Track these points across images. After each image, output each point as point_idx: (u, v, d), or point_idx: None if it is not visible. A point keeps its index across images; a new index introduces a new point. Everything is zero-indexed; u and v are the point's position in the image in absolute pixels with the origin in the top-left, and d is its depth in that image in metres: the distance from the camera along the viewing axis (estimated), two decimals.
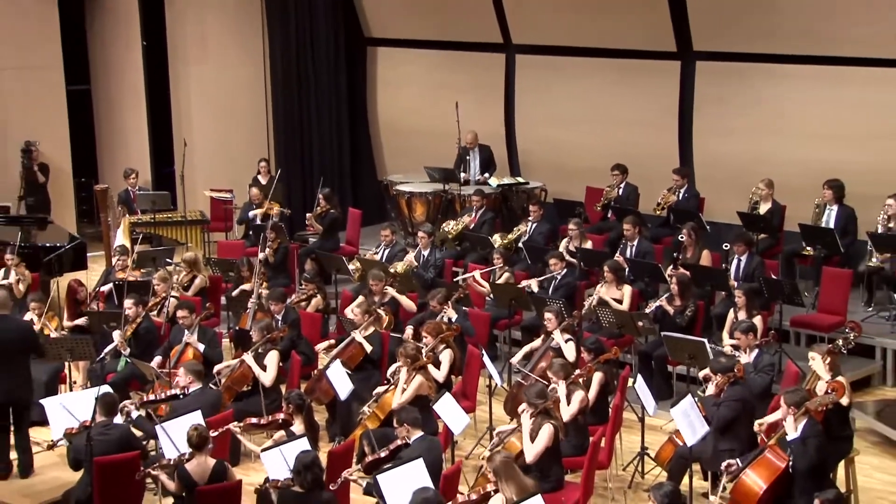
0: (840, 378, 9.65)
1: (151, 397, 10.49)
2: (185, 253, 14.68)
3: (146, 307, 12.23)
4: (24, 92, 17.63)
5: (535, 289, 12.98)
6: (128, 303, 12.07)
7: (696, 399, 9.87)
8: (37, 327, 11.65)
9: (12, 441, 10.50)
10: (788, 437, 8.91)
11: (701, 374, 10.62)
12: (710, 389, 10.06)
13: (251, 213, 16.03)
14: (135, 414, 9.92)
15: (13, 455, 10.49)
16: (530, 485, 8.34)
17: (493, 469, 8.43)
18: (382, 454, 9.29)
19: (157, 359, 11.61)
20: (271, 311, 12.32)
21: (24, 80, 17.63)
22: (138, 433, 9.89)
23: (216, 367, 11.33)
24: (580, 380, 10.17)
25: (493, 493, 8.45)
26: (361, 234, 16.45)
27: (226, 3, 18.53)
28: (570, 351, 11.03)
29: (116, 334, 11.83)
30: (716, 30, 15.10)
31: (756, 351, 10.62)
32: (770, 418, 9.49)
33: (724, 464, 9.13)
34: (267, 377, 11.07)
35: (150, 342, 11.98)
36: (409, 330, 12.09)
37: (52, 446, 10.01)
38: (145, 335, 11.99)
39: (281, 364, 11.33)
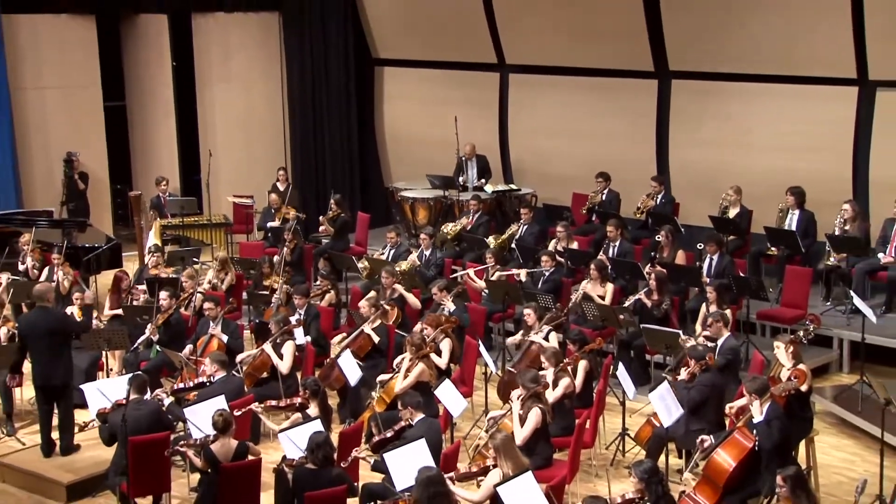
0: (801, 366, 9.65)
1: (181, 385, 10.50)
2: (218, 253, 14.70)
3: (177, 301, 12.25)
4: (66, 108, 17.63)
5: (524, 278, 13.02)
6: (162, 295, 12.08)
7: (672, 383, 9.92)
8: (79, 319, 11.74)
9: (54, 422, 10.51)
10: (754, 420, 8.93)
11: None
12: (683, 374, 10.09)
13: (269, 224, 16.05)
14: (167, 401, 9.93)
15: (54, 435, 10.50)
16: (525, 462, 8.35)
17: (493, 446, 8.43)
18: (388, 434, 9.28)
19: (188, 348, 11.62)
20: (296, 304, 12.35)
21: (66, 97, 17.62)
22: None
23: (239, 357, 11.32)
24: (568, 367, 10.19)
25: (491, 467, 8.45)
26: (369, 235, 16.45)
27: (247, 26, 18.53)
28: (553, 343, 11.02)
29: (149, 327, 11.88)
30: (689, 52, 15.13)
31: (726, 335, 10.65)
32: (738, 402, 9.52)
33: (699, 439, 9.16)
34: (284, 365, 11.07)
35: (178, 333, 11.99)
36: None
37: (83, 427, 10.08)
38: (174, 326, 12.00)
39: (297, 353, 11.35)
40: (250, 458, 9.05)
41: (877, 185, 13.75)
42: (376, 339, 11.52)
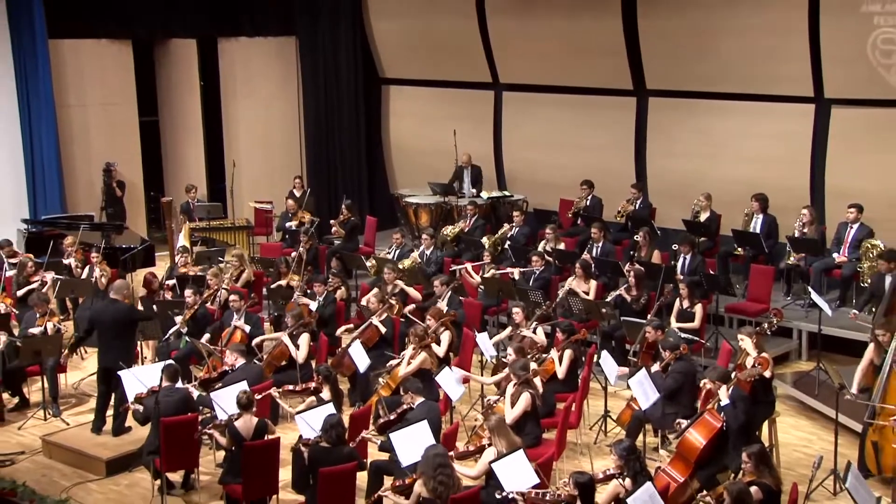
0: (764, 354, 9.65)
1: (206, 376, 10.51)
2: (234, 250, 14.72)
3: (203, 297, 12.27)
4: (106, 123, 17.62)
5: (517, 276, 13.02)
6: (188, 292, 12.12)
7: (649, 370, 9.94)
8: None
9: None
10: (722, 403, 8.96)
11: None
12: (655, 367, 10.10)
13: (287, 226, 16.06)
14: (196, 393, 9.94)
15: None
16: (517, 441, 8.36)
17: (489, 427, 8.45)
18: (392, 417, 9.30)
19: (206, 336, 11.60)
20: (316, 292, 12.33)
21: (106, 113, 17.61)
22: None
23: (256, 339, 11.39)
24: (559, 356, 10.24)
25: (487, 445, 8.46)
26: (377, 237, 16.43)
27: (267, 50, 18.55)
28: (540, 335, 11.04)
29: (178, 319, 11.89)
30: (664, 72, 15.14)
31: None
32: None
33: (676, 422, 9.17)
34: (301, 354, 11.08)
35: (205, 325, 12.00)
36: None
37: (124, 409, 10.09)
38: (201, 319, 12.01)
39: (312, 343, 11.37)
40: (268, 436, 9.07)
41: (832, 193, 13.77)
42: (383, 329, 11.54)
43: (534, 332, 11.08)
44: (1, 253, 14.28)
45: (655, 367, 10.08)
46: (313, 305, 12.18)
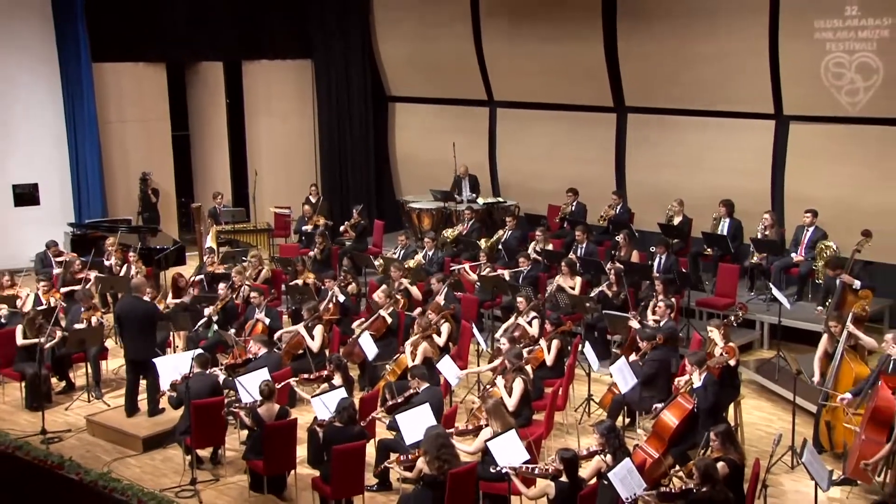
0: (731, 344, 9.68)
1: (232, 362, 10.54)
2: (254, 251, 14.74)
3: (230, 291, 12.27)
4: (143, 137, 17.64)
5: (507, 277, 13.02)
6: (221, 285, 12.13)
7: (628, 358, 9.98)
8: None
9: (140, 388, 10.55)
10: (694, 386, 8.99)
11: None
12: (634, 357, 10.13)
13: (303, 229, 16.07)
14: (222, 377, 9.97)
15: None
16: (511, 422, 8.38)
17: (485, 409, 8.45)
18: (399, 400, 9.31)
19: (232, 331, 11.62)
20: (326, 287, 12.32)
21: (143, 129, 17.63)
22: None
23: (277, 334, 11.38)
24: (548, 346, 10.22)
25: (483, 426, 8.49)
26: (384, 239, 16.42)
27: (286, 71, 18.54)
28: (535, 328, 11.05)
29: (207, 311, 11.90)
30: (642, 92, 15.15)
31: (668, 320, 10.71)
32: (683, 379, 9.48)
33: (654, 406, 9.19)
34: (315, 344, 11.10)
35: (232, 317, 12.02)
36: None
37: (160, 395, 10.11)
38: (230, 311, 12.02)
39: (325, 334, 11.39)
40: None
41: (790, 199, 13.79)
42: (390, 320, 11.57)
43: (529, 323, 11.11)
44: (49, 252, 14.33)
45: (633, 358, 10.11)
46: (341, 298, 12.13)
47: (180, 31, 17.36)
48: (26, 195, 16.67)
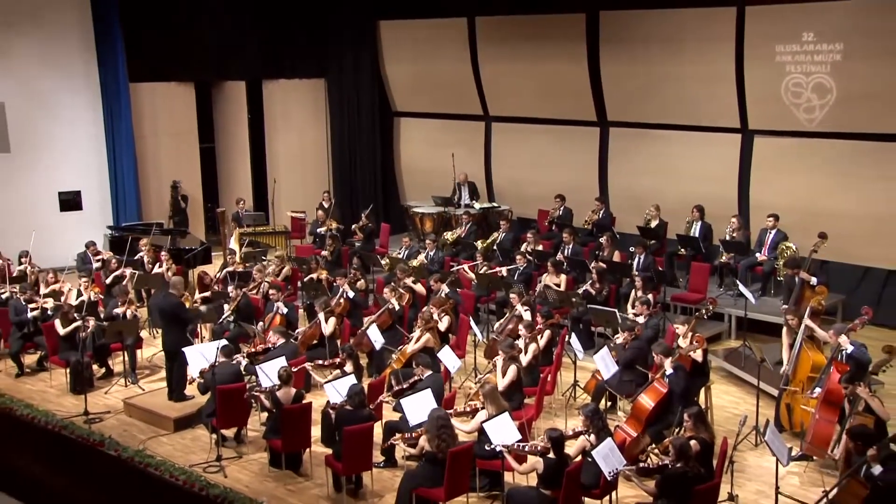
0: (700, 334, 9.73)
1: (253, 350, 10.58)
2: (277, 252, 14.74)
3: (247, 288, 12.26)
4: (174, 149, 17.67)
5: (504, 273, 13.07)
6: (230, 289, 12.09)
7: (610, 348, 10.00)
8: None
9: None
10: (667, 373, 9.04)
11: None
12: (620, 339, 10.17)
13: (318, 230, 16.12)
14: (244, 362, 10.01)
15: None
16: (505, 405, 8.41)
17: (482, 393, 8.49)
18: (405, 385, 9.35)
19: (260, 324, 11.60)
20: (337, 283, 12.31)
21: (174, 141, 17.66)
22: (244, 372, 9.99)
23: (296, 332, 11.38)
24: (536, 336, 10.25)
25: (480, 408, 8.53)
26: (390, 240, 16.46)
27: (302, 89, 18.55)
28: (528, 316, 11.10)
29: (226, 307, 11.91)
30: (622, 108, 15.17)
31: (648, 317, 10.74)
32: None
33: (635, 393, 9.22)
34: (328, 329, 11.15)
35: (249, 311, 11.99)
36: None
37: (190, 382, 10.16)
38: (246, 307, 11.98)
39: (337, 325, 11.41)
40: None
41: (755, 205, 13.82)
42: (397, 309, 11.56)
43: (521, 315, 11.15)
44: (88, 252, 14.36)
45: (619, 341, 10.11)
46: (351, 293, 12.18)
47: (207, 55, 17.39)
48: (70, 201, 16.71)
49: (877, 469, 7.02)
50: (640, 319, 10.59)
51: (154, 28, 16.69)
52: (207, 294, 12.85)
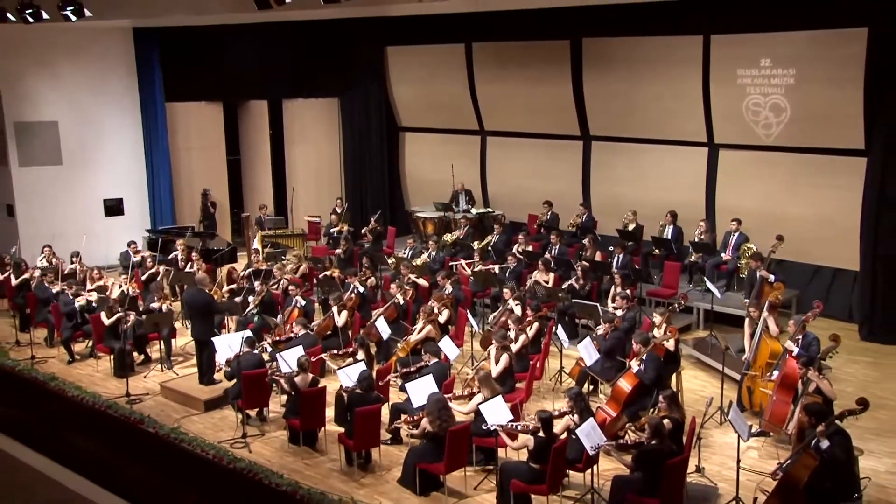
0: (672, 325, 9.75)
1: (277, 338, 10.60)
2: (295, 252, 14.74)
3: (269, 285, 12.25)
4: (204, 161, 17.68)
5: (497, 270, 13.06)
6: (257, 284, 12.13)
7: (592, 338, 10.01)
8: None
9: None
10: (634, 370, 9.01)
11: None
12: (601, 330, 10.18)
13: (331, 231, 16.10)
14: (269, 349, 10.03)
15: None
16: (498, 389, 8.43)
17: (478, 379, 8.51)
18: (413, 369, 9.35)
19: (280, 317, 11.64)
20: (348, 279, 12.30)
21: (203, 154, 17.68)
22: (267, 358, 10.00)
23: (312, 323, 11.36)
24: (525, 328, 10.26)
25: (476, 392, 8.53)
26: (396, 242, 16.41)
27: (317, 107, 18.51)
28: (518, 310, 11.12)
29: (251, 300, 11.89)
30: (603, 124, 15.14)
31: (626, 310, 10.74)
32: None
33: (615, 378, 9.22)
34: (340, 321, 11.17)
35: (271, 305, 11.99)
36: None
37: (218, 370, 10.14)
38: (269, 301, 12.01)
39: (349, 318, 11.42)
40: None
41: (720, 210, 13.80)
42: (402, 303, 11.57)
43: (513, 309, 11.15)
44: (129, 250, 14.38)
45: (600, 332, 10.12)
46: (361, 289, 12.18)
47: (234, 78, 17.40)
48: (114, 207, 16.79)
49: (824, 443, 7.07)
50: (619, 312, 10.60)
51: (187, 54, 16.75)
52: (234, 286, 12.85)
